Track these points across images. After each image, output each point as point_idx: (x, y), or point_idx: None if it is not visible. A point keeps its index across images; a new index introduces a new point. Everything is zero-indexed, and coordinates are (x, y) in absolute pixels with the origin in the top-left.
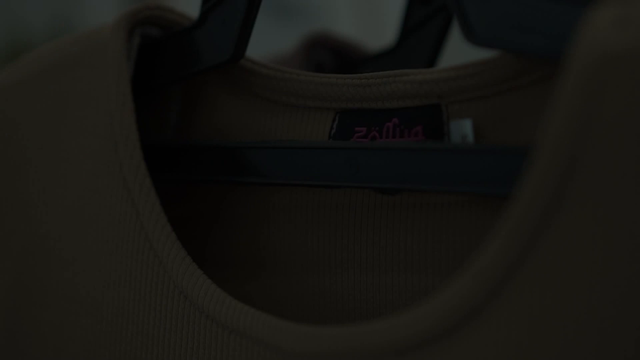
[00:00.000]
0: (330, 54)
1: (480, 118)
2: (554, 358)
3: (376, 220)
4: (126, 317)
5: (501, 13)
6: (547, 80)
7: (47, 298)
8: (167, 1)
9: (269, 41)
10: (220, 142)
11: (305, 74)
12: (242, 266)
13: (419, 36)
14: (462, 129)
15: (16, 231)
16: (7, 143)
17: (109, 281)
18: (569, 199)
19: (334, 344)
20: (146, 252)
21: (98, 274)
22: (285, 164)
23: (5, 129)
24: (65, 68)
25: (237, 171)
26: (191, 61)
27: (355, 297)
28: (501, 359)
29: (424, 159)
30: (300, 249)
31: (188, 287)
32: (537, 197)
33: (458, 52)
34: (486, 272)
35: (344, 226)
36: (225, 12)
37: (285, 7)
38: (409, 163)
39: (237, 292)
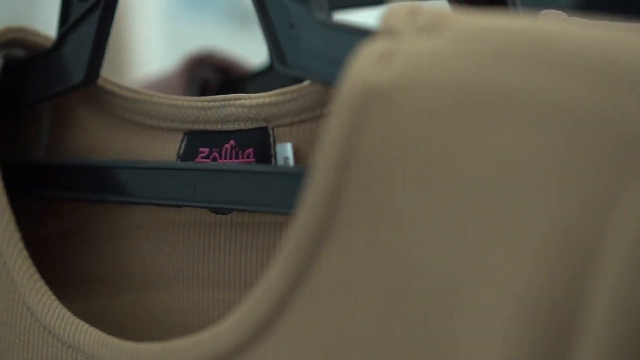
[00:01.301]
0: (215, 72)
1: (300, 142)
2: None
3: (216, 239)
4: None
5: (310, 43)
6: None
7: None
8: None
9: (233, 48)
10: (76, 161)
11: (159, 95)
12: (102, 282)
13: None
14: (285, 152)
15: None
16: None
17: None
18: (338, 224)
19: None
20: (0, 270)
21: None
22: (135, 183)
23: None
24: None
25: (92, 189)
26: (50, 83)
27: (199, 312)
28: None
29: (247, 181)
30: (154, 266)
31: (34, 304)
32: (309, 221)
33: None
34: (270, 291)
35: (189, 244)
36: (81, 35)
37: (249, 14)
38: (235, 184)
39: (97, 308)
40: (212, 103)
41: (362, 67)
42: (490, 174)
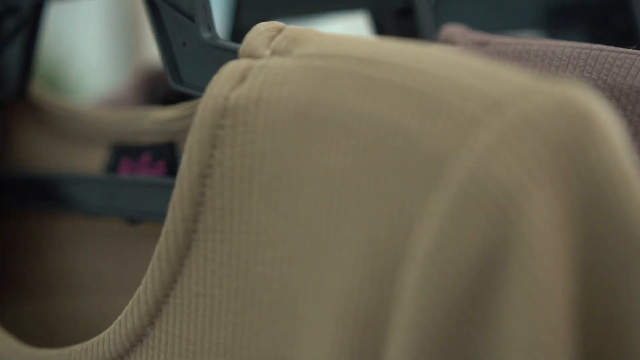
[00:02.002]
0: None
1: None
2: None
3: (135, 247)
4: None
5: (198, 62)
6: None
7: None
8: None
9: None
10: (5, 172)
11: (89, 110)
12: (36, 287)
13: None
14: None
15: None
16: None
17: None
18: (199, 236)
19: None
20: None
21: None
22: (61, 193)
23: None
24: None
25: (23, 199)
26: None
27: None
28: None
29: (152, 192)
30: (83, 273)
31: None
32: (174, 233)
33: None
34: (142, 302)
35: (114, 252)
36: (13, 51)
37: None
38: (144, 196)
39: (29, 312)
40: (130, 117)
41: (219, 85)
42: (321, 189)
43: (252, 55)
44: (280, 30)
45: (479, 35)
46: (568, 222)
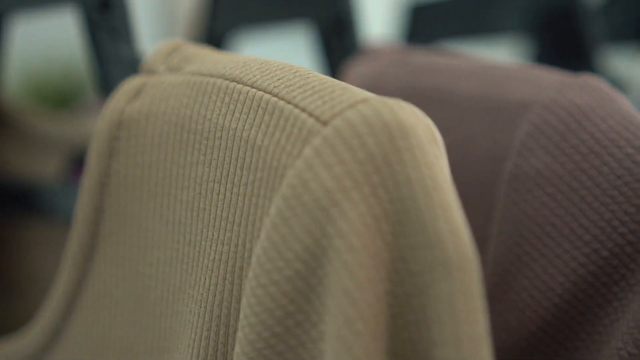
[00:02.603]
0: None
1: None
2: None
3: None
4: None
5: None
6: None
7: None
8: None
9: None
10: None
11: (49, 120)
12: (14, 288)
13: None
14: None
15: None
16: None
17: None
18: (101, 240)
19: None
20: None
21: None
22: (21, 200)
23: None
24: None
25: None
26: None
27: None
28: None
29: None
30: (43, 274)
31: None
32: (79, 237)
33: None
34: (56, 301)
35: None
36: None
37: None
38: None
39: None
40: (86, 126)
41: (116, 99)
42: (193, 196)
43: (150, 71)
44: (177, 49)
45: (399, 50)
46: (377, 229)
